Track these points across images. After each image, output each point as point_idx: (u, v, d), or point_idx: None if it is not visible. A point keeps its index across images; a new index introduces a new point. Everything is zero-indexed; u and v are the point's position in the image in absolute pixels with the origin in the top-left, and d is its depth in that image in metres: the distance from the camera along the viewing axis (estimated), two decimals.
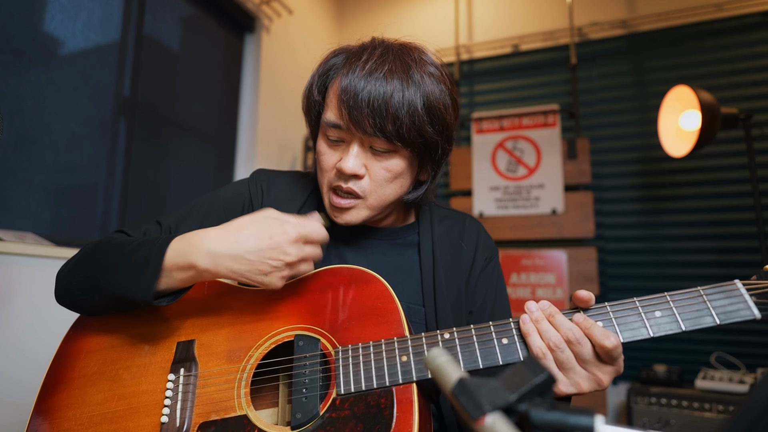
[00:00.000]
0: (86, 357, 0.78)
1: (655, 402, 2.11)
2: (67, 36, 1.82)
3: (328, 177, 0.81)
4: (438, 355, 0.39)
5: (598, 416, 0.32)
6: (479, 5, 3.22)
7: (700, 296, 0.62)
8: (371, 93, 0.74)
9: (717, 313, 0.60)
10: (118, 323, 0.79)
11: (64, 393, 0.75)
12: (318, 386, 0.67)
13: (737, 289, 0.61)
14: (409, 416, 0.61)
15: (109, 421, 0.71)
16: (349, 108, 0.74)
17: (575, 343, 0.61)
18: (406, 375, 0.64)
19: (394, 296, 0.71)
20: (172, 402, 0.70)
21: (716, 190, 2.55)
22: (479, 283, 0.90)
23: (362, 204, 0.81)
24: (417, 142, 0.77)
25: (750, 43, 2.56)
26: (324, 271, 0.77)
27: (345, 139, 0.79)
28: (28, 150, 1.66)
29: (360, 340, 0.68)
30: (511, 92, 3.05)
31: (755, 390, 0.29)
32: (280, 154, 2.86)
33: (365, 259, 0.89)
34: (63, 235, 1.76)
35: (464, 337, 0.66)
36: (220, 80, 2.62)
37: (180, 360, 0.74)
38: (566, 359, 0.61)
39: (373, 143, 0.78)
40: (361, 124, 0.75)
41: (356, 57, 0.78)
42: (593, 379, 0.62)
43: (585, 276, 2.59)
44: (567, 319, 0.63)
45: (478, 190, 2.89)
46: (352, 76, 0.76)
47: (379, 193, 0.80)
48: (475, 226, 0.96)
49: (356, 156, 0.77)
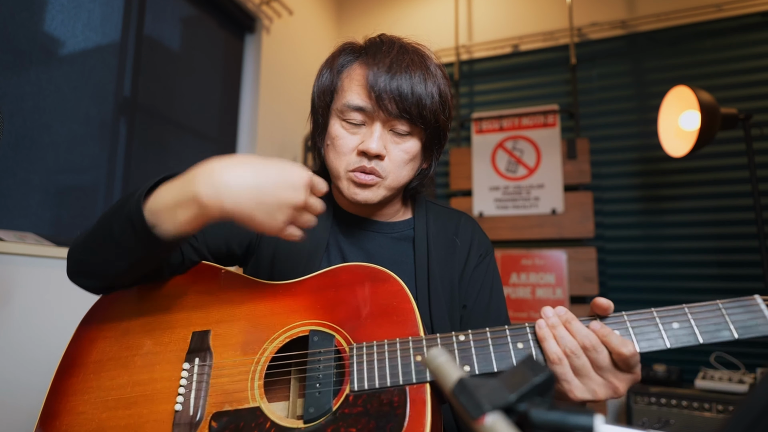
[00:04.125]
0: (102, 342, 0.78)
1: (654, 402, 2.11)
2: (68, 36, 1.82)
3: (348, 160, 0.83)
4: (438, 354, 0.39)
5: (597, 416, 0.32)
6: (479, 5, 3.22)
7: (719, 309, 0.61)
8: (398, 77, 0.79)
9: (735, 327, 0.60)
10: (134, 311, 0.80)
11: (80, 376, 0.76)
12: (332, 382, 0.67)
13: (757, 303, 0.61)
14: (422, 416, 0.61)
15: (124, 407, 0.71)
16: (377, 90, 0.79)
17: (591, 349, 0.61)
18: (420, 375, 0.64)
19: (410, 296, 0.72)
20: (186, 390, 0.71)
21: (716, 190, 2.55)
22: (473, 278, 0.91)
23: (382, 183, 0.84)
24: (432, 126, 0.84)
25: (750, 43, 2.56)
26: (340, 268, 0.77)
27: (365, 122, 0.83)
28: (28, 150, 1.66)
29: (375, 338, 0.69)
30: (511, 92, 3.06)
31: (755, 390, 0.29)
32: (280, 154, 2.86)
33: (363, 251, 0.90)
34: (63, 235, 1.76)
35: (479, 339, 0.66)
36: (220, 80, 2.62)
37: (195, 350, 0.74)
38: (582, 365, 0.61)
39: (394, 126, 0.82)
40: (387, 106, 0.79)
41: (376, 47, 0.84)
42: (609, 386, 0.62)
43: (585, 276, 2.59)
44: (584, 326, 0.63)
45: (478, 190, 2.89)
46: (376, 61, 0.81)
47: (397, 173, 0.84)
48: (470, 224, 0.97)
49: (380, 137, 0.81)
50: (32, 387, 1.46)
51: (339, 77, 0.87)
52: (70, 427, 0.71)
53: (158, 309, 0.80)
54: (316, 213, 0.72)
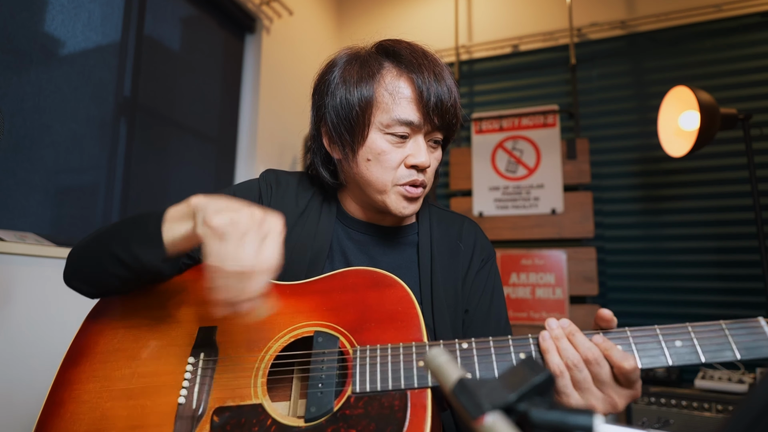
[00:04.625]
0: (109, 333, 0.79)
1: (654, 401, 2.11)
2: (68, 36, 1.82)
3: (396, 174, 0.83)
4: (438, 354, 0.39)
5: (597, 415, 0.32)
6: (479, 5, 3.22)
7: (722, 330, 0.61)
8: (441, 90, 0.81)
9: (738, 348, 0.60)
10: (142, 305, 0.81)
11: (86, 365, 0.76)
12: (334, 383, 0.68)
13: (761, 326, 0.61)
14: (422, 421, 0.62)
15: (128, 397, 0.72)
16: (427, 105, 0.80)
17: (594, 363, 0.61)
18: (422, 380, 0.65)
19: (415, 302, 0.72)
20: (190, 384, 0.72)
21: (715, 190, 2.55)
22: (475, 283, 0.92)
23: (423, 193, 0.87)
24: (454, 132, 0.87)
25: (749, 43, 2.57)
26: (348, 272, 0.79)
27: (409, 135, 0.83)
28: (28, 150, 1.66)
29: (378, 342, 0.70)
30: (511, 92, 3.06)
31: (754, 389, 0.29)
32: (280, 154, 2.86)
33: (367, 256, 0.91)
34: (63, 235, 1.76)
35: (482, 348, 0.67)
36: (220, 80, 2.62)
37: (201, 344, 0.75)
38: (583, 379, 0.61)
39: (435, 136, 0.85)
40: (433, 120, 0.81)
41: (411, 55, 0.82)
42: (609, 401, 0.61)
43: (584, 276, 2.59)
44: (587, 339, 0.63)
45: (478, 190, 2.89)
46: (421, 73, 0.80)
47: (431, 181, 0.88)
48: (473, 228, 0.98)
49: (426, 150, 0.84)
50: (32, 386, 1.46)
51: (372, 88, 0.82)
52: (74, 414, 0.71)
53: (166, 304, 0.81)
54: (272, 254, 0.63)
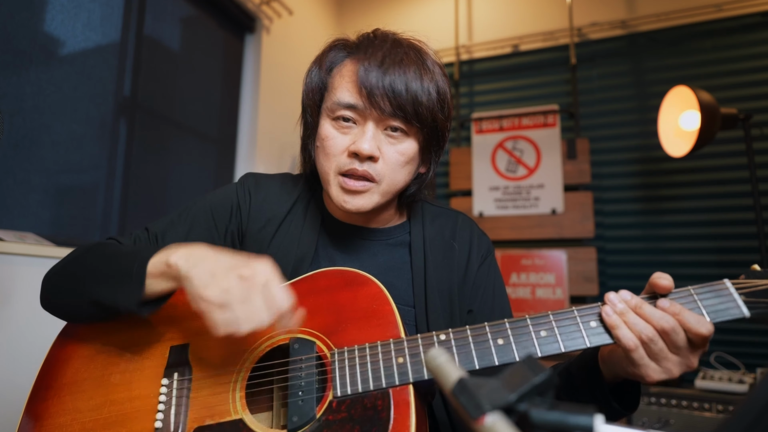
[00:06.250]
0: (77, 362, 0.76)
1: (654, 402, 2.11)
2: (68, 36, 1.82)
3: (337, 162, 0.78)
4: (438, 355, 0.39)
5: (597, 415, 0.32)
6: (479, 5, 3.22)
7: (691, 295, 0.63)
8: (391, 73, 0.74)
9: (708, 312, 0.61)
10: (109, 328, 0.78)
11: (54, 399, 0.73)
12: (314, 389, 0.66)
13: (726, 288, 0.62)
14: (406, 417, 0.61)
15: (101, 428, 0.69)
16: (369, 86, 0.74)
17: (671, 332, 0.59)
18: (403, 376, 0.64)
19: (389, 298, 0.71)
20: (166, 407, 0.70)
21: (716, 190, 2.55)
22: (476, 282, 0.88)
23: (375, 189, 0.79)
24: (430, 126, 0.79)
25: (750, 43, 2.56)
26: (318, 274, 0.76)
27: (357, 121, 0.78)
28: (28, 150, 1.66)
29: (356, 342, 0.68)
30: (511, 92, 3.06)
31: (754, 390, 0.29)
32: (280, 154, 2.86)
33: (356, 260, 0.87)
34: (63, 235, 1.76)
35: (460, 338, 0.66)
36: (220, 80, 2.62)
37: (174, 364, 0.72)
38: (660, 350, 0.60)
39: (388, 125, 0.77)
40: (379, 104, 0.74)
41: (368, 42, 0.80)
42: (685, 363, 0.61)
43: (585, 276, 2.59)
44: (656, 309, 0.61)
45: (478, 190, 2.89)
46: (367, 56, 0.76)
47: (392, 177, 0.79)
48: (468, 225, 0.94)
49: (372, 137, 0.76)
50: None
51: (329, 75, 0.82)
52: None
53: (134, 325, 0.77)
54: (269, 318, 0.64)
